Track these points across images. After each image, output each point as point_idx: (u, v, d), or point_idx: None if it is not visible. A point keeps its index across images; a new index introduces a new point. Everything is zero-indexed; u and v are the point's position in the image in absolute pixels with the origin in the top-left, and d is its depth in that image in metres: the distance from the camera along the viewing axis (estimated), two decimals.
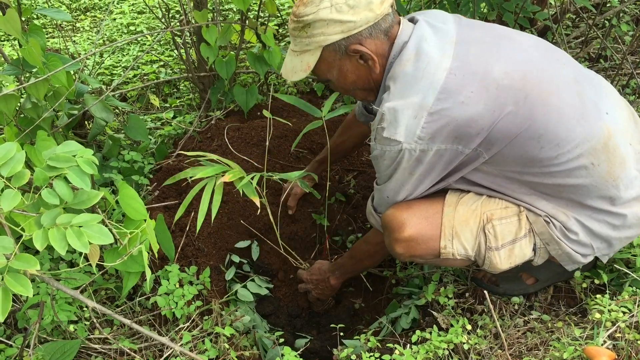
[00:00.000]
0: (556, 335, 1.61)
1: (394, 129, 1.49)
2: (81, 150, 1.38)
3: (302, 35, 1.57)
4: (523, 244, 1.62)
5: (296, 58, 1.62)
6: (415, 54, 1.52)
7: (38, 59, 1.99)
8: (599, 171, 1.52)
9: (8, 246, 1.22)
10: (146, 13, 4.24)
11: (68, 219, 1.28)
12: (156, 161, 2.58)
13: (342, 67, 1.62)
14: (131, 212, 1.67)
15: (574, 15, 3.23)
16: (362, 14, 1.50)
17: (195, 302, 1.85)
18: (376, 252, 1.90)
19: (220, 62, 2.60)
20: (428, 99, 1.45)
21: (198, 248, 2.14)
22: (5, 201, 1.22)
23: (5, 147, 1.29)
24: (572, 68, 1.61)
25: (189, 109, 3.06)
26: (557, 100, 1.49)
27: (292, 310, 2.20)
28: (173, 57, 3.59)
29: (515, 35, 1.63)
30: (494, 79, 1.46)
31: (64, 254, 1.25)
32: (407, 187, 1.60)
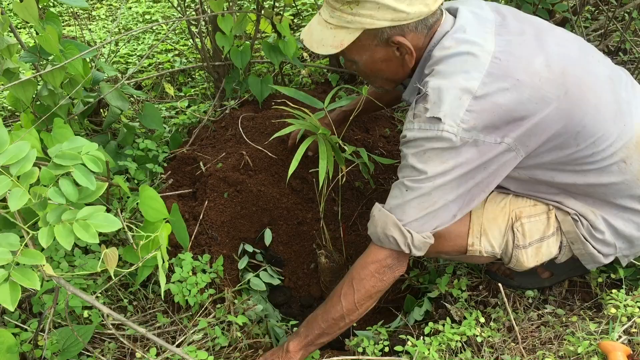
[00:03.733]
0: (570, 330, 1.60)
1: (437, 108, 1.40)
2: (87, 145, 1.38)
3: (345, 9, 1.45)
4: (550, 242, 1.61)
5: (329, 30, 1.50)
6: (458, 41, 1.46)
7: (55, 47, 1.99)
8: (631, 169, 1.50)
9: (14, 242, 1.23)
10: (162, 2, 4.24)
11: (73, 214, 1.28)
12: (170, 150, 2.59)
13: (375, 54, 1.53)
14: (151, 213, 1.68)
15: (593, 7, 3.18)
16: (417, 7, 1.43)
17: (208, 290, 1.86)
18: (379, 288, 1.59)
19: (235, 51, 2.59)
20: (473, 82, 1.39)
21: (211, 237, 2.15)
22: (13, 200, 1.22)
23: (18, 146, 1.29)
24: (607, 66, 1.58)
25: (203, 98, 3.06)
26: (595, 97, 1.46)
27: (304, 300, 2.20)
28: (188, 47, 3.59)
29: (552, 29, 1.59)
30: (536, 70, 1.42)
31: (69, 248, 1.25)
32: (443, 188, 1.44)
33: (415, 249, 1.50)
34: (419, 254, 1.52)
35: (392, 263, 1.54)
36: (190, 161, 2.50)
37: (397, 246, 1.50)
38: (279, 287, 2.16)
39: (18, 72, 2.03)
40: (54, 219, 1.28)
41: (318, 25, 1.53)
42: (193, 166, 2.47)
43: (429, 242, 1.51)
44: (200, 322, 1.73)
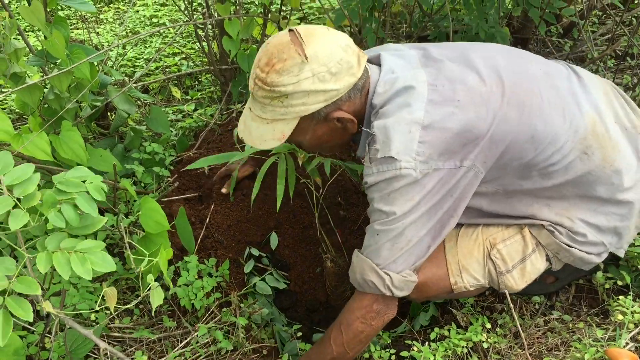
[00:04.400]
0: (577, 336, 1.59)
1: (387, 147, 1.41)
2: (91, 176, 1.39)
3: (276, 104, 1.43)
4: (533, 259, 1.62)
5: (266, 125, 1.48)
6: (390, 82, 1.47)
7: (61, 51, 2.00)
8: (594, 159, 1.50)
9: (10, 267, 1.24)
10: (169, 5, 4.25)
11: (72, 243, 1.29)
12: (177, 153, 2.59)
13: (317, 132, 1.52)
14: (152, 225, 1.69)
15: (600, 12, 3.18)
16: (345, 80, 1.42)
17: (215, 294, 1.86)
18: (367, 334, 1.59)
19: (242, 55, 2.60)
20: (418, 113, 1.40)
21: (217, 240, 2.15)
22: (13, 221, 1.23)
23: (22, 168, 1.30)
24: (541, 63, 1.59)
25: (210, 101, 3.06)
26: (537, 98, 1.47)
27: (310, 303, 2.20)
28: (194, 50, 3.60)
29: (473, 46, 1.61)
30: (473, 87, 1.43)
31: (67, 278, 1.26)
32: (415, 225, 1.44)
33: (397, 289, 1.51)
34: (402, 294, 1.53)
35: (380, 308, 1.56)
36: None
37: (377, 290, 1.51)
38: (285, 291, 2.16)
39: (25, 76, 2.04)
40: (53, 246, 1.29)
41: (253, 122, 1.50)
42: (198, 169, 2.47)
43: (411, 280, 1.52)
44: (200, 328, 1.72)
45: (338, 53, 1.40)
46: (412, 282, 1.52)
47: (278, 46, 1.41)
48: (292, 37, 1.42)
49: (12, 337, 1.52)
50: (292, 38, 1.41)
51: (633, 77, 2.64)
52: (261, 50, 1.46)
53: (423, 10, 2.62)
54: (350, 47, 1.44)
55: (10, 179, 1.27)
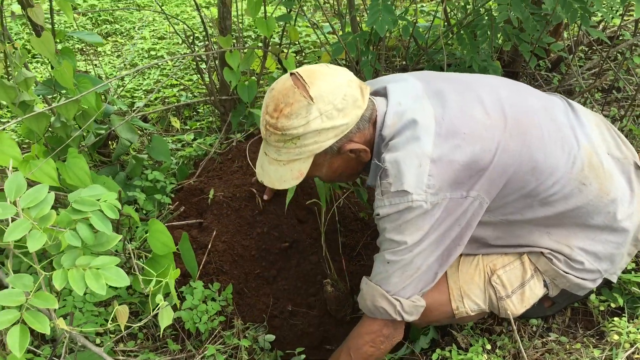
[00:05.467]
0: (575, 357, 1.63)
1: (400, 181, 1.46)
2: (105, 194, 1.44)
3: (289, 146, 1.49)
4: (532, 284, 1.68)
5: (283, 167, 1.54)
6: (398, 114, 1.53)
7: (70, 81, 2.06)
8: (591, 190, 1.57)
9: (28, 284, 1.27)
10: (166, 39, 4.34)
11: (87, 260, 1.33)
12: (178, 181, 2.64)
13: (333, 165, 1.59)
14: (159, 246, 1.73)
15: (586, 47, 3.29)
16: (352, 114, 1.48)
17: (218, 318, 1.89)
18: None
19: (242, 86, 2.67)
20: (427, 147, 1.46)
21: (219, 267, 2.19)
22: (32, 242, 1.27)
23: (37, 189, 1.35)
24: (538, 97, 1.66)
25: (208, 131, 3.12)
26: (538, 131, 1.54)
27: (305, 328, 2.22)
28: (193, 82, 3.67)
29: (476, 79, 1.67)
30: (479, 120, 1.50)
31: (82, 294, 1.29)
32: (423, 253, 1.51)
33: (407, 314, 1.57)
34: (411, 318, 1.58)
35: (389, 333, 1.62)
36: (197, 192, 2.54)
37: (388, 315, 1.57)
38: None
39: (33, 105, 2.09)
40: (68, 263, 1.32)
41: (270, 166, 1.56)
42: (200, 197, 2.51)
43: (420, 305, 1.58)
44: (209, 348, 1.75)
45: (341, 89, 1.46)
46: (421, 307, 1.58)
47: (283, 91, 1.47)
48: (294, 80, 1.48)
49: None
50: (294, 81, 1.47)
51: (620, 110, 2.73)
52: (267, 97, 1.52)
53: (418, 44, 2.72)
54: (352, 81, 1.50)
55: (26, 201, 1.31)
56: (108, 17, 4.65)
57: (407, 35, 2.59)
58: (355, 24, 2.96)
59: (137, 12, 4.73)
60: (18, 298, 1.23)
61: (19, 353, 1.17)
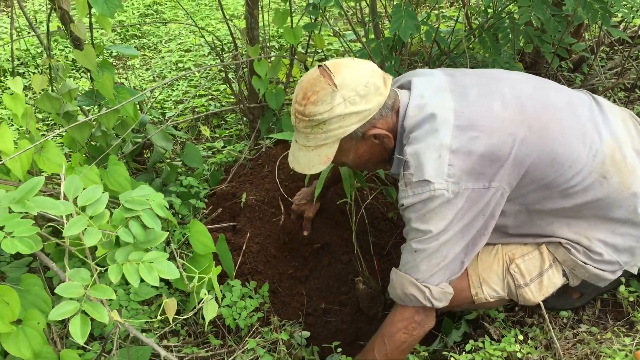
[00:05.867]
0: (606, 346, 1.67)
1: (421, 172, 1.55)
2: (154, 194, 1.53)
3: (317, 131, 1.60)
4: (550, 274, 1.74)
5: (311, 152, 1.64)
6: (419, 107, 1.61)
7: (110, 91, 2.16)
8: (612, 183, 1.61)
9: (85, 277, 1.36)
10: (193, 51, 4.46)
11: (139, 255, 1.41)
12: (210, 187, 2.73)
13: (358, 150, 1.68)
14: (200, 246, 1.82)
15: (607, 47, 3.33)
16: (374, 100, 1.58)
17: (257, 314, 1.96)
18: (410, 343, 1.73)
19: (270, 93, 2.76)
20: (445, 138, 1.54)
21: (255, 267, 2.26)
22: (88, 238, 1.36)
23: (93, 190, 1.44)
24: (564, 94, 1.72)
25: (237, 138, 3.21)
26: (558, 125, 1.60)
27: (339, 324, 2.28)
28: (220, 92, 3.77)
29: (502, 74, 1.75)
30: (497, 114, 1.57)
31: (137, 286, 1.38)
32: (449, 242, 1.57)
33: (437, 300, 1.63)
34: (441, 305, 1.65)
35: (421, 319, 1.68)
36: (229, 197, 2.63)
37: (418, 302, 1.63)
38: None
39: (76, 115, 2.19)
40: (122, 258, 1.41)
41: (300, 152, 1.67)
42: (232, 201, 2.60)
43: (448, 292, 1.65)
44: (249, 342, 1.82)
45: (364, 77, 1.56)
46: (450, 294, 1.64)
47: (310, 81, 1.59)
48: (321, 71, 1.59)
49: (71, 354, 1.63)
50: (321, 72, 1.59)
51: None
52: (297, 87, 1.63)
53: (440, 48, 2.79)
54: (374, 71, 1.60)
55: (83, 200, 1.40)
56: (136, 32, 4.79)
57: (430, 40, 2.66)
58: (377, 31, 3.04)
59: (164, 27, 4.86)
60: (77, 290, 1.32)
61: (81, 340, 1.25)
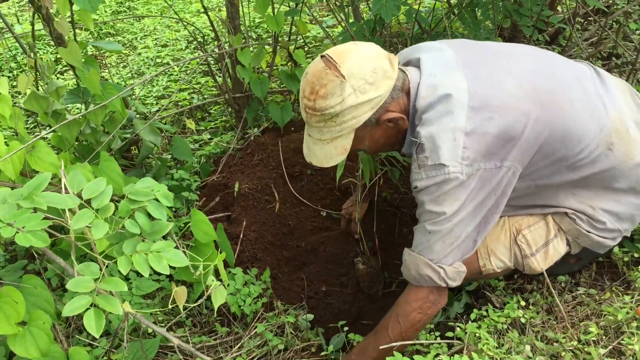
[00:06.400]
0: (606, 305, 1.72)
1: (437, 155, 1.53)
2: (156, 185, 1.53)
3: (330, 124, 1.57)
4: (555, 243, 1.78)
5: (328, 145, 1.62)
6: (432, 87, 1.59)
7: (98, 87, 2.15)
8: (617, 155, 1.64)
9: (95, 271, 1.36)
10: (169, 46, 4.42)
11: (147, 246, 1.42)
12: (201, 179, 2.72)
13: (374, 136, 1.66)
14: (201, 235, 1.82)
15: (582, 18, 3.38)
16: (384, 85, 1.55)
17: (262, 299, 1.97)
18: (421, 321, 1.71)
19: (255, 82, 2.76)
20: (460, 120, 1.52)
21: (253, 255, 2.27)
22: (95, 230, 1.36)
23: (96, 182, 1.44)
24: (569, 67, 1.73)
25: (223, 129, 3.21)
26: (568, 101, 1.61)
27: (340, 305, 2.31)
28: (201, 84, 3.75)
29: (509, 49, 1.75)
30: (510, 92, 1.57)
31: (147, 276, 1.38)
32: (462, 222, 1.58)
33: (451, 280, 1.65)
34: (455, 284, 1.66)
35: (435, 298, 1.69)
36: (221, 187, 2.63)
37: (433, 282, 1.65)
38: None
39: (64, 113, 2.17)
40: (129, 250, 1.42)
41: (315, 146, 1.65)
42: (224, 192, 2.60)
43: (462, 271, 1.66)
44: (258, 326, 1.84)
45: (370, 63, 1.54)
46: (463, 273, 1.66)
47: (316, 74, 1.55)
48: (325, 62, 1.55)
49: (81, 352, 1.62)
50: (325, 63, 1.55)
51: (621, 75, 2.82)
52: (302, 82, 1.60)
53: (422, 27, 2.81)
54: (379, 53, 1.58)
55: (88, 193, 1.40)
56: (110, 29, 4.74)
57: (411, 19, 2.67)
58: (357, 14, 3.05)
59: (138, 23, 4.82)
60: (88, 284, 1.32)
61: (97, 333, 1.25)
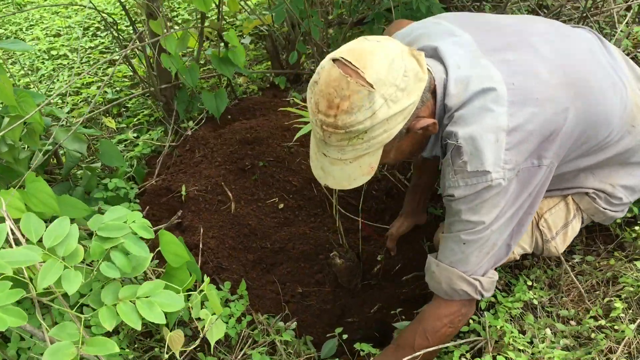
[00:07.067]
0: (611, 273, 1.66)
1: (479, 160, 1.32)
2: (130, 214, 1.28)
3: (356, 142, 1.28)
4: (574, 224, 1.68)
5: (350, 165, 1.33)
6: (462, 82, 1.36)
7: (11, 97, 1.82)
8: (639, 129, 1.54)
9: (73, 332, 1.11)
10: (63, 35, 3.97)
11: (131, 291, 1.19)
12: (138, 185, 2.43)
13: (401, 147, 1.40)
14: (173, 259, 1.57)
15: None
16: (416, 89, 1.29)
17: (246, 318, 1.77)
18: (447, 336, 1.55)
19: (183, 70, 2.48)
20: (501, 118, 1.31)
21: (218, 265, 2.05)
22: (68, 284, 1.10)
23: (58, 224, 1.18)
24: (582, 39, 1.56)
25: (149, 125, 2.90)
26: (595, 82, 1.45)
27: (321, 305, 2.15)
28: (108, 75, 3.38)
29: (525, 26, 1.54)
30: (545, 81, 1.37)
31: (139, 329, 1.16)
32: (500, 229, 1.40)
33: (487, 292, 1.49)
34: (489, 294, 1.50)
35: (467, 311, 1.53)
36: (163, 191, 2.36)
37: (468, 296, 1.47)
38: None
39: None
40: (110, 299, 1.17)
41: (334, 166, 1.35)
42: (168, 197, 2.34)
43: (495, 279, 1.50)
44: (253, 355, 1.63)
45: (398, 64, 1.26)
46: (496, 280, 1.50)
47: (332, 84, 1.24)
48: (342, 67, 1.24)
49: None
50: (342, 69, 1.24)
51: None
52: (313, 93, 1.29)
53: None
54: (404, 51, 1.29)
55: (50, 239, 1.13)
56: None
57: None
58: None
59: (20, 12, 4.29)
60: (69, 350, 1.07)
61: None
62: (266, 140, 2.40)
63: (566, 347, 1.50)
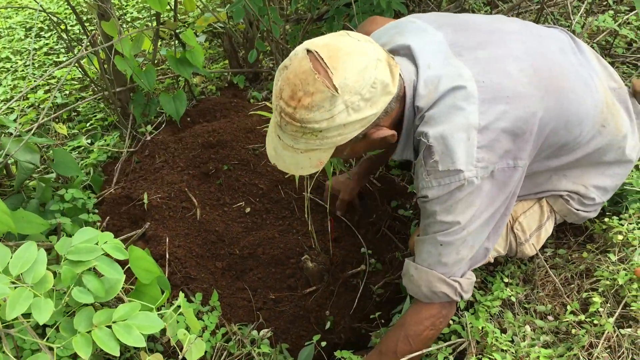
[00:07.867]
0: (584, 266, 1.68)
1: (450, 159, 1.31)
2: (100, 235, 1.21)
3: (309, 137, 1.28)
4: (547, 225, 1.69)
5: (300, 155, 1.34)
6: (431, 82, 1.35)
7: None
8: (609, 130, 1.53)
9: None
10: (4, 36, 3.78)
11: (106, 315, 1.12)
12: (96, 194, 2.33)
13: (355, 148, 1.40)
14: (143, 275, 1.50)
15: None
16: (381, 101, 1.27)
17: (220, 331, 1.71)
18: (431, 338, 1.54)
19: (139, 72, 2.38)
20: (472, 116, 1.30)
21: (186, 275, 1.98)
22: (39, 314, 1.03)
23: (25, 249, 1.10)
24: (554, 39, 1.55)
25: (103, 130, 2.78)
26: (567, 82, 1.44)
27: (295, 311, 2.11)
28: (57, 78, 3.24)
29: (496, 26, 1.52)
30: (516, 78, 1.36)
31: (117, 355, 1.09)
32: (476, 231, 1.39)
33: (466, 293, 1.48)
34: (468, 296, 1.50)
35: (447, 312, 1.52)
36: (123, 200, 2.27)
37: (448, 298, 1.47)
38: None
39: None
40: (84, 325, 1.10)
41: (285, 151, 1.36)
42: (129, 205, 2.25)
43: (473, 280, 1.50)
44: None
45: (369, 73, 1.24)
46: (474, 281, 1.50)
47: (300, 75, 1.24)
48: (313, 62, 1.23)
49: None
50: (314, 63, 1.23)
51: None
52: (280, 77, 1.28)
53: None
54: (380, 60, 1.27)
55: (17, 267, 1.05)
56: None
57: None
58: None
59: None
60: None
61: None
62: (229, 143, 2.33)
63: (546, 343, 1.50)
